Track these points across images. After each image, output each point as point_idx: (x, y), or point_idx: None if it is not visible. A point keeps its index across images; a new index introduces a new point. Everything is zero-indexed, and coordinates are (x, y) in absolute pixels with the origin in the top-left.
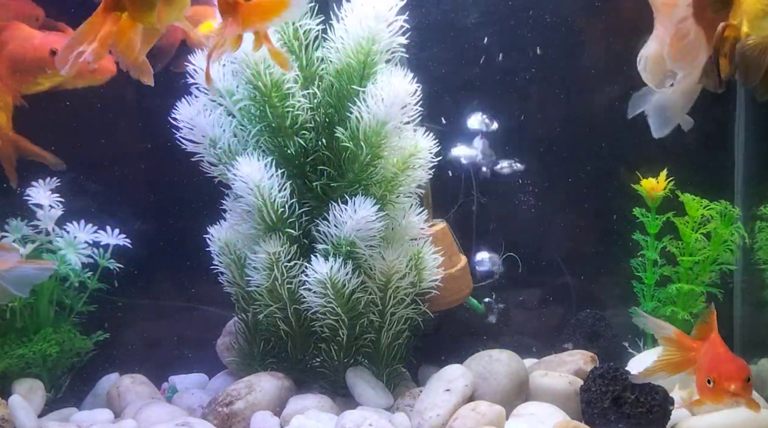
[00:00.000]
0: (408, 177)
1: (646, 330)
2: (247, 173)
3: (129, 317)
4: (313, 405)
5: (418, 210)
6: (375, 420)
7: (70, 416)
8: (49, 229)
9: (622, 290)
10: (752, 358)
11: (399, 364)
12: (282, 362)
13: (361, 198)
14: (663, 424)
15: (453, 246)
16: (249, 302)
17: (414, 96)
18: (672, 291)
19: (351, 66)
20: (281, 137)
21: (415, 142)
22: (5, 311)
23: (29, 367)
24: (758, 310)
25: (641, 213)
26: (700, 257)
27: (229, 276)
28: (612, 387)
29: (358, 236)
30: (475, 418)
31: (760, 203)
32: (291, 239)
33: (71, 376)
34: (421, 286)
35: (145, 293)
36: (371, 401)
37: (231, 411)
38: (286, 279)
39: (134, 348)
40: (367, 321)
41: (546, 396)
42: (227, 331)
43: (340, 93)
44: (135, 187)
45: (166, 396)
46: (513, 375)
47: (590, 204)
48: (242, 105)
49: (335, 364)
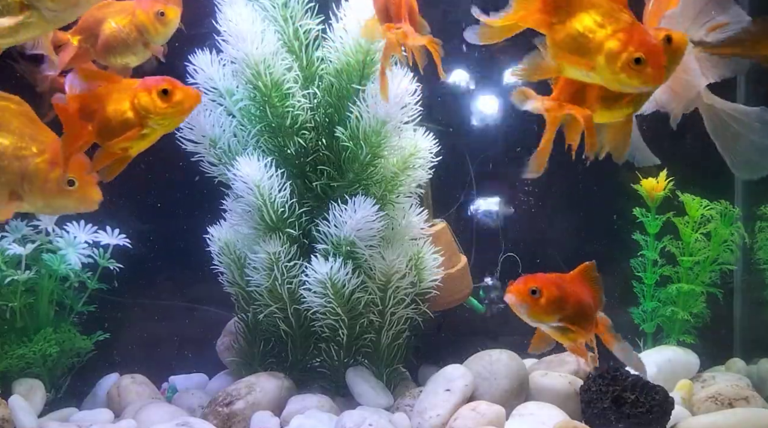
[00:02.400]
0: (408, 177)
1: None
2: (247, 173)
3: (129, 317)
4: (313, 405)
5: (418, 210)
6: (375, 420)
7: (70, 416)
8: (49, 229)
9: (622, 290)
10: (752, 358)
11: (399, 364)
12: (282, 362)
13: (361, 198)
14: (663, 424)
15: (453, 246)
16: (249, 303)
17: (414, 95)
18: (672, 291)
19: (351, 65)
20: (281, 137)
21: (415, 142)
22: (5, 311)
23: (29, 367)
24: (758, 310)
25: (641, 213)
26: (700, 257)
27: (229, 276)
28: (612, 387)
29: (358, 236)
30: (475, 418)
31: (760, 203)
32: (291, 239)
33: (71, 376)
34: (421, 286)
35: (145, 293)
36: (371, 401)
37: (231, 411)
38: (286, 279)
39: (134, 348)
40: (367, 321)
41: (546, 396)
42: (227, 331)
43: (340, 93)
44: (135, 187)
45: (166, 396)
46: (513, 375)
47: (590, 204)
48: (242, 105)
49: (335, 364)
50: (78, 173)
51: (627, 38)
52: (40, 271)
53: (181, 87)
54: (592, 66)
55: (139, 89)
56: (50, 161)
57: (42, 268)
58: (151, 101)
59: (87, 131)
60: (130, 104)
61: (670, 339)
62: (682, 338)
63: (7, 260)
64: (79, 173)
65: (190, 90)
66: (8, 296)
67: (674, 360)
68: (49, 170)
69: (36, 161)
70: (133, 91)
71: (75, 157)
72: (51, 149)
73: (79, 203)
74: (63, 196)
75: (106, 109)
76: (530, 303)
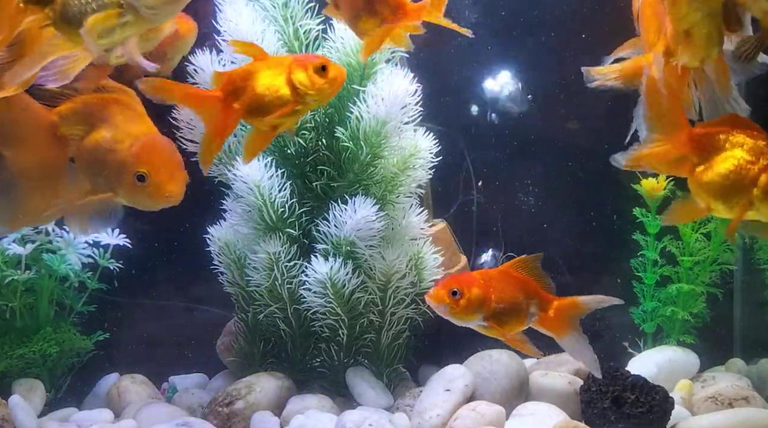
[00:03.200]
0: (408, 177)
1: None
2: (247, 173)
3: (129, 317)
4: (313, 405)
5: (418, 210)
6: (375, 420)
7: (70, 416)
8: (49, 229)
9: (622, 290)
10: (752, 358)
11: (399, 364)
12: (282, 362)
13: (361, 198)
14: (663, 424)
15: (453, 246)
16: (249, 303)
17: (414, 96)
18: (672, 291)
19: (351, 66)
20: (281, 137)
21: (415, 142)
22: (5, 311)
23: (29, 367)
24: (758, 310)
25: (641, 213)
26: (700, 257)
27: (229, 276)
28: (612, 387)
29: (358, 236)
30: (475, 418)
31: None
32: (291, 239)
33: (71, 376)
34: (421, 286)
35: (145, 293)
36: (371, 401)
37: (231, 411)
38: (286, 279)
39: (134, 348)
40: (367, 321)
41: (546, 396)
42: (227, 331)
43: (341, 93)
44: None
45: (166, 396)
46: (513, 375)
47: (590, 204)
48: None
49: (335, 364)
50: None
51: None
52: (40, 271)
53: (333, 64)
54: (745, 203)
55: (294, 66)
56: (134, 154)
57: (42, 268)
58: (308, 78)
59: (234, 110)
60: (286, 80)
61: (670, 339)
62: (682, 338)
63: (7, 260)
64: (155, 166)
65: (340, 67)
66: (8, 296)
67: (674, 360)
68: (129, 164)
69: (123, 154)
70: (288, 67)
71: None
72: (138, 142)
73: (152, 199)
74: (136, 192)
75: (256, 86)
76: (451, 305)
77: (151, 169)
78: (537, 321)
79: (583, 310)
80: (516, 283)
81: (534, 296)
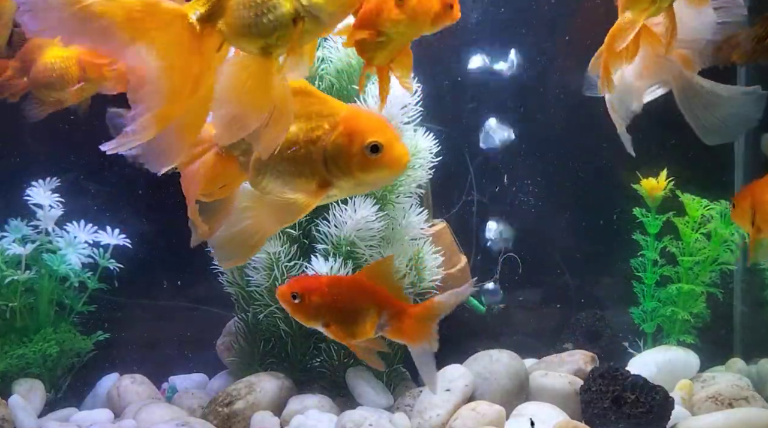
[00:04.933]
0: (408, 177)
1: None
2: None
3: (129, 318)
4: (313, 405)
5: (418, 210)
6: (375, 420)
7: (70, 416)
8: (49, 229)
9: (622, 290)
10: (752, 358)
11: (399, 364)
12: (282, 362)
13: (361, 198)
14: (663, 424)
15: (453, 246)
16: (249, 303)
17: (414, 96)
18: (672, 291)
19: (351, 66)
20: None
21: (415, 142)
22: (5, 311)
23: (29, 367)
24: (758, 310)
25: (641, 213)
26: (700, 257)
27: (229, 276)
28: (612, 387)
29: (358, 236)
30: (475, 418)
31: None
32: (291, 239)
33: (71, 376)
34: (421, 286)
35: (145, 293)
36: (371, 401)
37: (231, 411)
38: (286, 279)
39: (134, 348)
40: None
41: (546, 396)
42: (227, 331)
43: (341, 93)
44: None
45: (166, 397)
46: (513, 375)
47: (590, 204)
48: None
49: (335, 364)
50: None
51: None
52: (40, 271)
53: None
54: None
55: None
56: (348, 132)
57: (42, 268)
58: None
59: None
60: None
61: (670, 339)
62: (682, 338)
63: (7, 260)
64: (384, 133)
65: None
66: (8, 296)
67: (674, 360)
68: (350, 143)
69: (332, 138)
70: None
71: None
72: (344, 119)
73: (390, 170)
74: (372, 167)
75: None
76: (291, 307)
77: (381, 137)
78: (388, 331)
79: (441, 311)
80: (364, 292)
81: (385, 306)
